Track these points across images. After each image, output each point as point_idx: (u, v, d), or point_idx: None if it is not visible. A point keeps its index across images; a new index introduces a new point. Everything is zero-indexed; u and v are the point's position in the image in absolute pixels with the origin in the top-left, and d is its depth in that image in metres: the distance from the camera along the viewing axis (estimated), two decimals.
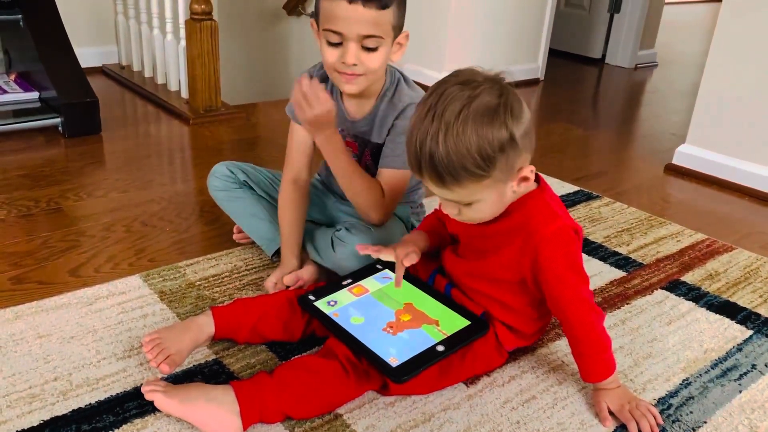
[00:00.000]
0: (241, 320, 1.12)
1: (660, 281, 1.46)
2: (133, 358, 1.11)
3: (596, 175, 2.14)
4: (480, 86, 0.91)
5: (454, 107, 0.90)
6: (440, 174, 0.92)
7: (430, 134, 0.90)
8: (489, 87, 0.91)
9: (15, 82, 2.34)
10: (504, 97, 0.92)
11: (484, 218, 1.02)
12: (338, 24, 1.12)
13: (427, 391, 1.06)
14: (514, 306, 1.09)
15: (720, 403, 1.09)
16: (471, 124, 0.89)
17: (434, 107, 0.91)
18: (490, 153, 0.90)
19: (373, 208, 1.25)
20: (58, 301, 1.25)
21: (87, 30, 2.94)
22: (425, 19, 3.01)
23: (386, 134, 1.27)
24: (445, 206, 1.01)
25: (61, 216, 1.62)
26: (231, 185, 1.41)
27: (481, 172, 0.91)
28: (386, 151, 1.27)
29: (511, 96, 0.93)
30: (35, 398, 1.01)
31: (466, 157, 0.89)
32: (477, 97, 0.90)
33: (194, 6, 2.28)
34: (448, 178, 0.92)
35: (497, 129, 0.90)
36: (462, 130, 0.89)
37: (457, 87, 0.92)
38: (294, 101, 1.14)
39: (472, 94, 0.90)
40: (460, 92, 0.91)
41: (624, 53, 3.86)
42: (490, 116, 0.90)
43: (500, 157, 0.91)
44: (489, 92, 0.91)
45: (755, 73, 1.99)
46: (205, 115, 2.41)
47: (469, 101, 0.90)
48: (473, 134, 0.89)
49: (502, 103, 0.91)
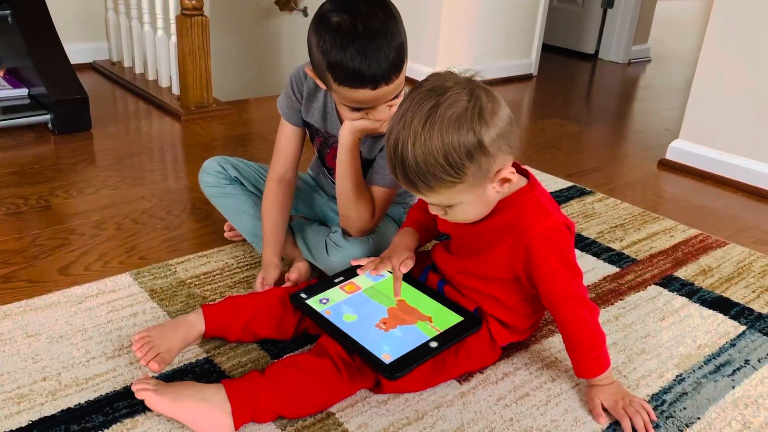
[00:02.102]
0: (232, 318, 1.11)
1: (653, 277, 1.46)
2: (123, 357, 1.10)
3: (590, 170, 2.14)
4: (448, 92, 0.90)
5: (422, 115, 0.90)
6: (413, 181, 0.92)
7: (401, 141, 0.91)
8: (458, 92, 0.90)
9: (4, 79, 2.32)
10: (473, 101, 0.90)
11: (471, 218, 1.02)
12: (365, 103, 1.11)
13: (421, 388, 1.05)
14: (507, 302, 1.08)
15: (713, 398, 1.09)
16: (437, 132, 0.89)
17: (404, 115, 0.91)
18: (457, 160, 0.89)
19: (358, 221, 1.25)
20: (47, 299, 1.24)
21: (77, 26, 2.91)
22: (418, 14, 2.99)
23: (378, 150, 1.25)
24: (431, 208, 1.01)
25: (51, 214, 1.61)
26: (222, 181, 1.40)
27: (451, 179, 0.91)
28: (377, 167, 1.26)
29: (482, 99, 0.91)
30: (23, 398, 1.00)
31: (434, 165, 0.89)
32: (443, 103, 0.89)
33: (185, 1, 2.26)
34: (420, 185, 0.92)
35: (464, 135, 0.89)
36: (429, 137, 0.89)
37: (426, 93, 0.91)
38: (379, 118, 1.15)
39: (439, 101, 0.90)
40: (427, 99, 0.90)
41: (617, 48, 3.86)
42: (456, 123, 0.89)
43: (469, 164, 0.90)
44: (456, 98, 0.90)
45: (748, 69, 1.99)
46: (196, 112, 2.39)
47: (435, 108, 0.89)
48: (439, 141, 0.89)
49: (470, 108, 0.90)
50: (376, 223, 1.28)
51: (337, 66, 1.05)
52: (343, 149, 1.21)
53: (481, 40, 3.12)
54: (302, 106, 1.29)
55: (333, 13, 1.05)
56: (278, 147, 1.32)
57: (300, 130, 1.32)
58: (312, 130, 1.32)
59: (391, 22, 1.06)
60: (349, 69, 1.04)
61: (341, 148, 1.20)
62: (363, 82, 1.05)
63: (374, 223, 1.27)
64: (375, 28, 1.04)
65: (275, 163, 1.33)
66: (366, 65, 1.03)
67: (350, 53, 1.03)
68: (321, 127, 1.29)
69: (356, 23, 1.03)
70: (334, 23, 1.04)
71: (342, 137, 1.20)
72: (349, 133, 1.19)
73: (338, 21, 1.04)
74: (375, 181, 1.26)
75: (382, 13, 1.06)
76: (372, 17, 1.04)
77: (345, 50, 1.03)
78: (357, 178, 1.23)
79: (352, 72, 1.04)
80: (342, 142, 1.20)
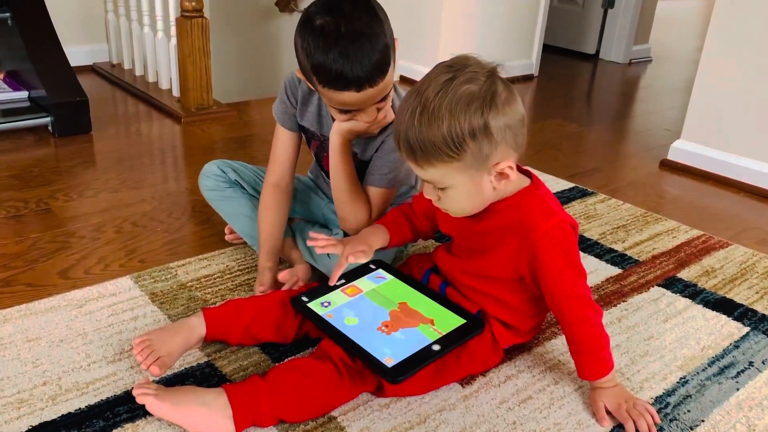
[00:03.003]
0: (233, 322, 1.10)
1: (656, 278, 1.45)
2: (124, 361, 1.09)
3: (591, 171, 2.13)
4: (467, 68, 0.91)
5: (436, 86, 0.90)
6: (413, 148, 0.92)
7: (409, 110, 0.92)
8: (476, 71, 0.91)
9: (4, 82, 2.31)
10: (488, 84, 0.91)
11: (463, 210, 1.01)
12: (350, 105, 1.11)
13: (423, 391, 1.05)
14: (510, 303, 1.07)
15: (717, 401, 1.08)
16: (447, 104, 0.89)
17: (420, 86, 0.92)
18: (459, 135, 0.89)
19: (356, 222, 1.24)
20: (47, 303, 1.23)
21: (77, 28, 2.90)
22: (419, 15, 2.99)
23: (374, 151, 1.25)
24: (426, 190, 1.01)
25: (51, 217, 1.60)
26: (222, 184, 1.39)
27: (451, 154, 0.91)
28: (372, 168, 1.25)
29: (499, 86, 0.92)
30: (23, 403, 0.99)
31: (437, 136, 0.90)
32: (459, 77, 0.90)
33: (185, 3, 2.26)
34: (419, 154, 0.92)
35: (471, 114, 0.89)
36: (438, 107, 0.89)
37: (445, 67, 0.93)
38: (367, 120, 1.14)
39: (456, 75, 0.91)
40: (445, 73, 0.92)
41: (618, 48, 3.86)
42: (467, 100, 0.90)
43: (471, 142, 0.90)
44: (473, 76, 0.91)
45: (750, 68, 1.99)
46: (196, 114, 2.39)
47: (450, 82, 0.90)
48: (446, 113, 0.89)
49: (483, 90, 0.90)
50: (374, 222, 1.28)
51: (320, 68, 1.05)
52: (333, 151, 1.20)
53: (482, 41, 3.11)
54: (297, 111, 1.29)
55: (317, 15, 1.05)
56: (274, 152, 1.32)
57: (295, 135, 1.32)
58: (308, 134, 1.32)
59: (376, 24, 1.06)
60: (332, 71, 1.04)
61: (332, 149, 1.20)
62: (346, 84, 1.05)
63: (372, 223, 1.26)
64: (358, 30, 1.04)
65: (271, 169, 1.32)
66: (348, 67, 1.03)
67: (333, 55, 1.03)
68: (317, 130, 1.29)
69: (339, 25, 1.03)
70: (318, 25, 1.04)
71: (331, 139, 1.20)
72: (338, 135, 1.18)
73: (321, 23, 1.04)
74: (371, 181, 1.25)
75: (366, 15, 1.06)
76: (355, 19, 1.04)
77: (328, 53, 1.03)
78: (351, 178, 1.22)
79: (335, 74, 1.04)
80: (332, 144, 1.20)
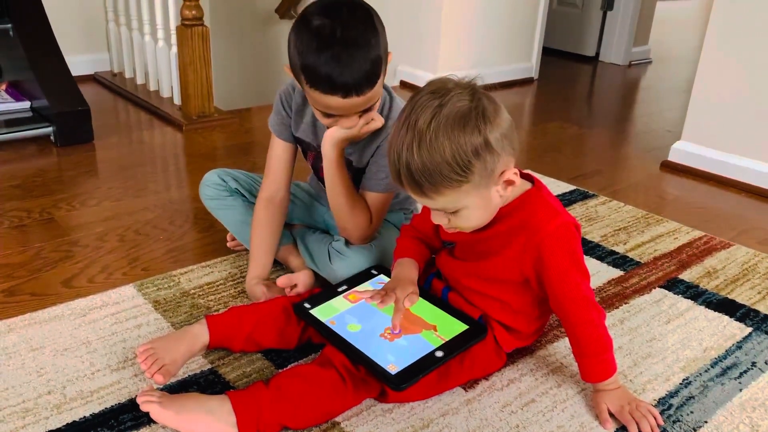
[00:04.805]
0: (236, 329, 1.11)
1: (658, 280, 1.45)
2: (128, 369, 1.10)
3: (592, 173, 2.13)
4: (450, 93, 0.91)
5: (426, 116, 0.90)
6: (419, 183, 0.91)
7: (405, 145, 0.90)
8: (459, 93, 0.91)
9: (6, 92, 2.33)
10: (475, 101, 0.91)
11: (475, 226, 1.01)
12: (335, 110, 1.11)
13: (426, 396, 1.05)
14: (514, 305, 1.08)
15: (720, 402, 1.08)
16: (443, 131, 0.89)
17: (408, 118, 0.91)
18: (465, 158, 0.89)
19: (356, 230, 1.24)
20: (51, 312, 1.24)
21: (78, 38, 2.92)
22: (418, 19, 2.99)
23: (370, 156, 1.25)
24: (434, 216, 1.00)
25: (54, 226, 1.61)
26: (222, 193, 1.39)
27: (459, 179, 0.90)
28: (369, 173, 1.25)
29: (484, 100, 0.92)
30: (28, 412, 1.00)
31: (441, 164, 0.89)
32: (447, 104, 0.90)
33: (185, 12, 2.27)
34: (426, 187, 0.92)
35: (470, 134, 0.89)
36: (435, 137, 0.89)
37: (428, 96, 0.92)
38: (348, 126, 1.14)
39: (442, 102, 0.90)
40: (430, 101, 0.91)
41: (617, 50, 3.86)
42: (461, 122, 0.89)
43: (476, 162, 0.90)
44: (459, 98, 0.91)
45: (750, 68, 1.99)
46: (198, 121, 2.39)
47: (439, 109, 0.90)
48: (446, 141, 0.89)
49: (473, 108, 0.90)
50: (375, 230, 1.28)
51: (310, 69, 1.06)
52: (327, 163, 1.20)
53: (482, 45, 3.12)
54: (292, 121, 1.29)
55: (315, 16, 1.06)
56: (269, 165, 1.31)
57: (291, 146, 1.31)
58: (303, 145, 1.32)
59: (371, 35, 1.06)
60: (321, 74, 1.04)
61: (326, 161, 1.20)
62: (333, 88, 1.05)
63: (373, 229, 1.27)
64: (353, 37, 1.04)
65: (266, 183, 1.31)
66: (338, 72, 1.04)
67: (324, 58, 1.03)
68: (312, 141, 1.29)
69: (335, 29, 1.04)
70: (314, 26, 1.05)
71: (325, 151, 1.19)
72: (332, 146, 1.18)
73: (318, 24, 1.05)
74: (369, 187, 1.25)
75: (363, 24, 1.06)
76: (352, 27, 1.05)
77: (319, 54, 1.04)
78: (347, 188, 1.22)
79: (324, 77, 1.05)
80: (325, 156, 1.20)
